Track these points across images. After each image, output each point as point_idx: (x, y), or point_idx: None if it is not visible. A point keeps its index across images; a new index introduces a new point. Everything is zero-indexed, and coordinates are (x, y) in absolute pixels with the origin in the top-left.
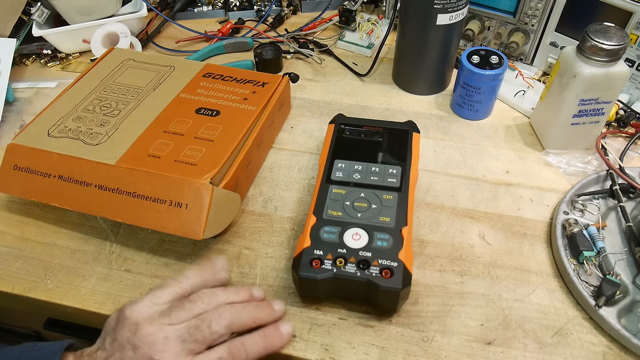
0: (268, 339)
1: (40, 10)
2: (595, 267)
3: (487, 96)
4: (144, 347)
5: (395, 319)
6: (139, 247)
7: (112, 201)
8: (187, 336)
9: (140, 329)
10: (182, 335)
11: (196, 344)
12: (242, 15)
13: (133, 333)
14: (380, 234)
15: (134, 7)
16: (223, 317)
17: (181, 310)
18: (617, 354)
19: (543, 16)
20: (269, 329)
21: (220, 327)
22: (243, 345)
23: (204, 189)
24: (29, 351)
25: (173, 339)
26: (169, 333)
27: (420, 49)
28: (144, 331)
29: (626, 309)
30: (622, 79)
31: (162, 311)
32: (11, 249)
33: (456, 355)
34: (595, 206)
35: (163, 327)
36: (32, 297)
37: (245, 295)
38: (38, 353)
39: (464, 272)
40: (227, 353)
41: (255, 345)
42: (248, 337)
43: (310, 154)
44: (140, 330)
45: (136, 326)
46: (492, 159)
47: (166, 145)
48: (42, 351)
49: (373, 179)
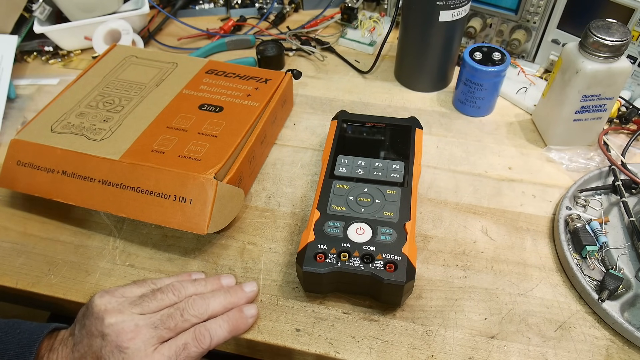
0: (232, 322)
1: (42, 7)
2: (598, 261)
3: (489, 93)
4: (112, 335)
5: (399, 313)
6: (142, 243)
7: (116, 196)
8: (159, 323)
9: (108, 317)
10: (154, 322)
11: (167, 330)
12: (244, 12)
13: (101, 321)
14: (383, 228)
15: (135, 4)
16: (194, 306)
17: (153, 300)
18: (620, 348)
19: (545, 13)
20: (233, 312)
21: (191, 315)
22: (207, 330)
23: (208, 184)
24: (10, 333)
25: (144, 327)
26: (140, 321)
27: (422, 46)
28: (112, 319)
29: (629, 302)
30: (625, 75)
31: (133, 301)
32: (14, 244)
33: (460, 349)
34: (598, 202)
35: (133, 315)
36: (35, 292)
37: (215, 284)
38: (19, 337)
39: (467, 266)
40: (192, 338)
41: (219, 329)
42: (212, 321)
43: (313, 150)
44: (108, 318)
45: (104, 314)
46: (495, 155)
47: (170, 141)
48: (22, 336)
49: (376, 174)
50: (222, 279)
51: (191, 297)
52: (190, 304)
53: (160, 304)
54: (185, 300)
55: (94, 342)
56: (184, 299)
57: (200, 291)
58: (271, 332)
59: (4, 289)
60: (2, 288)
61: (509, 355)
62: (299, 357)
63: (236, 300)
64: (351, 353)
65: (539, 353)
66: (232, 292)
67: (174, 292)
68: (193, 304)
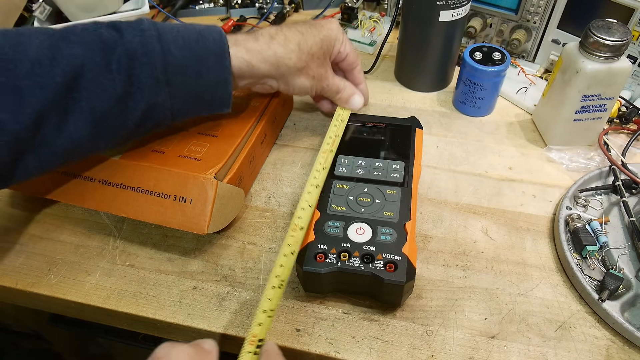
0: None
1: (42, 6)
2: (598, 261)
3: (489, 93)
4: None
5: (399, 313)
6: (142, 243)
7: (116, 196)
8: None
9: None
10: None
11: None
12: (244, 12)
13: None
14: (384, 228)
15: (135, 4)
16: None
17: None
18: (620, 348)
19: (545, 13)
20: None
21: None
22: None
23: (208, 184)
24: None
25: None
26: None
27: (422, 46)
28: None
29: (629, 302)
30: (625, 75)
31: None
32: (14, 244)
33: (460, 349)
34: (598, 202)
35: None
36: (35, 292)
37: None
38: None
39: (468, 266)
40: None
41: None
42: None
43: (313, 150)
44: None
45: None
46: (495, 155)
47: (170, 141)
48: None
49: (376, 174)
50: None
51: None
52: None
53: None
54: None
55: None
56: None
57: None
58: (271, 332)
59: (4, 289)
60: (2, 288)
61: (509, 355)
62: (299, 357)
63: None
64: (351, 353)
65: (539, 353)
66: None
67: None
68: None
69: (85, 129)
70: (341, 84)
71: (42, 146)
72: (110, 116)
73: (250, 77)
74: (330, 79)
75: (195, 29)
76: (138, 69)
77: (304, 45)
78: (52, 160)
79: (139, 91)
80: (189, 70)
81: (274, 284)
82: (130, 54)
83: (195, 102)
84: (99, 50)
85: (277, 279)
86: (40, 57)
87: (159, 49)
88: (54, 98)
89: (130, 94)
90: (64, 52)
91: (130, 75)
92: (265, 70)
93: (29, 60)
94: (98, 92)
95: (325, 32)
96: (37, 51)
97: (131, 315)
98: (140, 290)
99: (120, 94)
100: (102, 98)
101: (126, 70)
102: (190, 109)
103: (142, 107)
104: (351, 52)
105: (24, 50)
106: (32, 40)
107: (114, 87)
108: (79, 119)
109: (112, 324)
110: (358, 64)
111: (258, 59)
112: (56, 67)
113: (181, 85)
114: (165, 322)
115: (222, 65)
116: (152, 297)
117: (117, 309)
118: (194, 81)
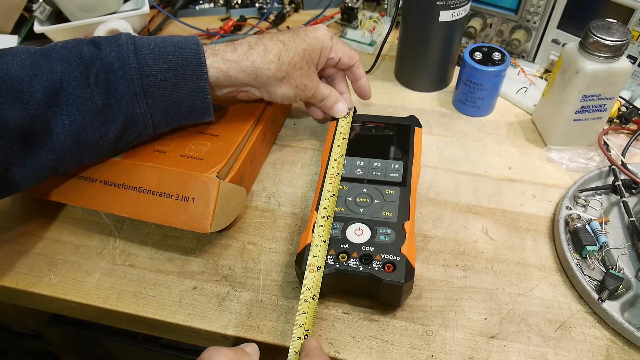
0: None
1: (42, 6)
2: (598, 261)
3: (489, 93)
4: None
5: (399, 313)
6: (142, 242)
7: (117, 196)
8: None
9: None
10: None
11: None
12: (244, 12)
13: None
14: (382, 228)
15: (135, 4)
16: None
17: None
18: (620, 348)
19: (545, 13)
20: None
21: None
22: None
23: (210, 183)
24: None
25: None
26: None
27: (422, 45)
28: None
29: (629, 302)
30: (625, 75)
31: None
32: (14, 244)
33: (460, 349)
34: (598, 202)
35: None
36: (35, 292)
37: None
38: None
39: (468, 266)
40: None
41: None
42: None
43: (313, 150)
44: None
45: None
46: (495, 155)
47: (171, 140)
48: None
49: (375, 174)
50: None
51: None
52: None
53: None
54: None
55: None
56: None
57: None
58: (271, 332)
59: (4, 289)
60: (2, 288)
61: (509, 355)
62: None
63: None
64: (351, 353)
65: (539, 353)
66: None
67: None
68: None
69: (67, 140)
70: (326, 92)
71: (28, 158)
72: (91, 128)
73: (230, 86)
74: (314, 88)
75: (172, 40)
76: (115, 82)
77: (284, 55)
78: (38, 172)
79: (117, 103)
80: (166, 81)
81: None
82: (107, 68)
83: (175, 111)
84: (77, 65)
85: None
86: (22, 74)
87: (135, 62)
88: (35, 112)
89: (108, 106)
90: (44, 69)
91: (108, 88)
92: (244, 80)
93: (10, 78)
94: (78, 105)
95: (309, 42)
96: (19, 69)
97: (131, 315)
98: (140, 290)
99: (99, 106)
100: (82, 111)
101: (104, 84)
102: (170, 119)
103: (121, 119)
104: (345, 54)
105: (6, 69)
106: (15, 59)
107: (92, 100)
108: (61, 131)
109: (112, 324)
110: (355, 61)
111: (235, 69)
112: (36, 84)
113: (158, 96)
114: (165, 322)
115: (198, 75)
116: (152, 297)
117: (117, 309)
118: (172, 91)
